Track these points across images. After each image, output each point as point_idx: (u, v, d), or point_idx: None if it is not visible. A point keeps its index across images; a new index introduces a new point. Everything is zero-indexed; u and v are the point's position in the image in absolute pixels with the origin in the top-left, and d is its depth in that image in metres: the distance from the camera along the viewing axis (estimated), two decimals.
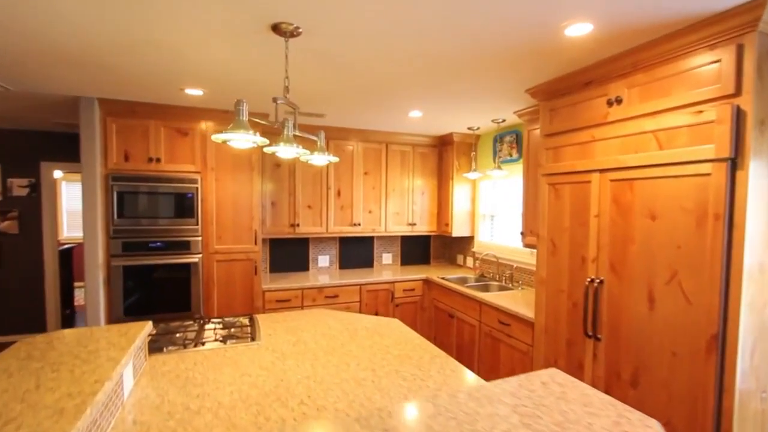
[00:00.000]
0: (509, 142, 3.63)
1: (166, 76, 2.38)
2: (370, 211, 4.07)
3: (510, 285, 3.50)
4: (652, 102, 1.79)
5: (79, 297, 6.04)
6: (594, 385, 2.08)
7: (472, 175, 3.76)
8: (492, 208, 4.01)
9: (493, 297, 3.05)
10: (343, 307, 3.68)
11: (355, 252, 4.33)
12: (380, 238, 4.45)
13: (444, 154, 4.26)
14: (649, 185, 1.81)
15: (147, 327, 1.78)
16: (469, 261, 4.30)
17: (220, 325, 2.30)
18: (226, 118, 3.25)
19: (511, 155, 3.62)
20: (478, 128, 3.79)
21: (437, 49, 1.91)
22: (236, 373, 1.68)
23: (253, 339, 2.07)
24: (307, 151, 1.78)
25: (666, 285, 1.74)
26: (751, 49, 1.47)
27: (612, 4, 1.47)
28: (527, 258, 3.44)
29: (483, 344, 3.07)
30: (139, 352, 1.71)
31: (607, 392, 2.01)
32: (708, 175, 1.58)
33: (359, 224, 4.01)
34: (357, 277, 3.86)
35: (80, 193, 2.94)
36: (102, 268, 2.96)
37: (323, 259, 4.21)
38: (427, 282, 3.97)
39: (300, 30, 1.67)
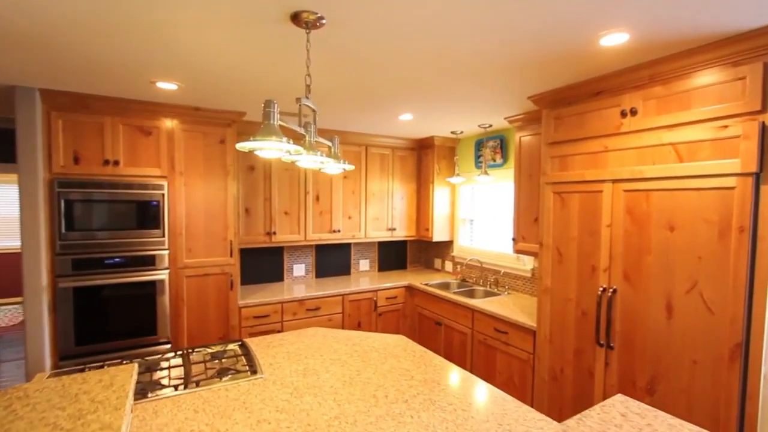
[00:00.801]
0: (492, 147, 3.63)
1: (137, 66, 2.03)
2: (349, 217, 3.88)
3: (495, 290, 3.50)
4: (671, 115, 1.82)
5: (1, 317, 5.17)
6: (606, 392, 2.10)
7: (455, 180, 3.72)
8: (472, 213, 4.00)
9: (486, 304, 3.02)
10: (326, 320, 3.46)
11: (332, 259, 4.11)
12: (357, 244, 4.27)
13: (424, 157, 4.17)
14: (668, 196, 1.83)
15: (134, 372, 1.48)
16: (448, 265, 4.26)
17: (209, 356, 2.01)
18: (199, 116, 2.89)
19: (494, 160, 3.62)
20: (462, 132, 3.74)
21: (459, 52, 1.79)
22: (251, 421, 1.44)
23: (254, 372, 1.82)
24: (330, 160, 1.58)
25: (686, 294, 1.78)
26: None
27: (651, 15, 1.45)
28: (512, 263, 3.46)
29: (476, 352, 3.02)
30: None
31: None
32: (732, 188, 1.62)
33: (339, 231, 3.80)
34: (335, 285, 3.66)
35: (15, 197, 2.44)
36: (46, 291, 2.48)
37: (299, 268, 3.94)
38: (409, 289, 3.86)
39: (324, 21, 1.46)
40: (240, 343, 2.19)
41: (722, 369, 1.66)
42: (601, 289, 2.11)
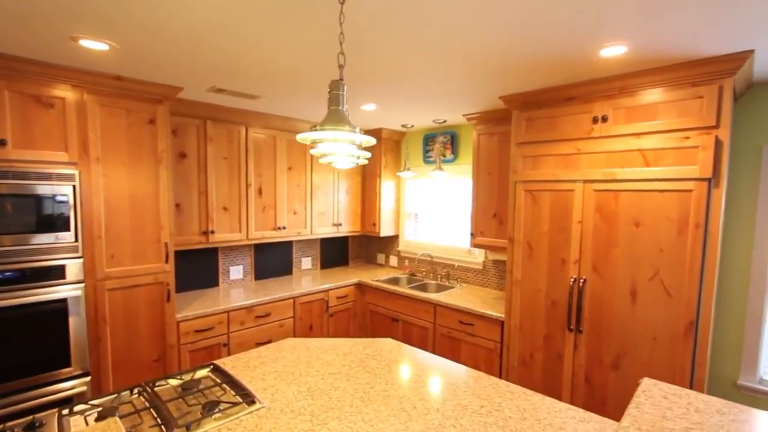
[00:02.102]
0: (443, 142, 3.70)
1: (56, 13, 1.51)
2: (294, 212, 3.58)
3: (447, 283, 3.61)
4: (638, 124, 2.06)
5: None
6: (575, 370, 2.33)
7: (406, 174, 3.70)
8: (418, 207, 4.04)
9: (448, 298, 3.09)
10: (276, 326, 3.15)
11: (272, 259, 3.76)
12: (300, 241, 3.97)
13: (369, 149, 4.06)
14: (635, 196, 2.08)
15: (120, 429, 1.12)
16: (393, 260, 4.26)
17: (179, 389, 1.64)
18: (121, 87, 2.32)
19: (444, 155, 3.70)
20: (412, 126, 3.73)
21: (451, 50, 1.76)
22: None
23: (251, 401, 1.55)
24: (368, 153, 1.39)
25: (649, 282, 2.05)
26: (728, 91, 1.82)
27: (648, 33, 1.60)
28: (464, 256, 3.60)
29: (439, 345, 3.08)
30: None
31: (588, 377, 2.28)
32: (691, 191, 1.91)
33: (284, 227, 3.48)
34: (279, 287, 3.36)
35: None
36: None
37: (236, 271, 3.50)
38: (359, 286, 3.75)
39: None
40: (211, 366, 1.84)
41: (678, 343, 1.97)
42: (572, 279, 2.31)
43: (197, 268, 3.27)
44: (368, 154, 1.35)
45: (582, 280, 2.28)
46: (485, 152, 3.07)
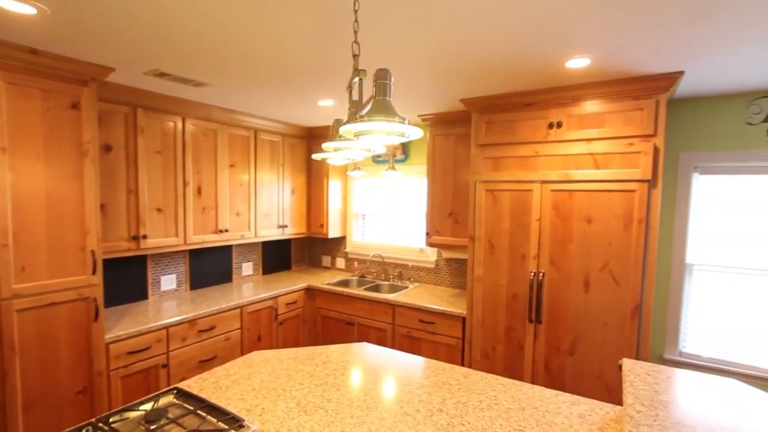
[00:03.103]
0: None
1: None
2: (237, 214, 3.28)
3: (400, 283, 3.62)
4: (589, 130, 2.28)
5: None
6: (535, 358, 2.49)
7: (356, 174, 3.63)
8: (366, 207, 3.99)
9: (406, 297, 3.09)
10: (222, 340, 2.85)
11: (210, 265, 3.40)
12: (240, 245, 3.65)
13: (315, 147, 3.90)
14: (587, 196, 2.30)
15: None
16: (339, 262, 4.14)
17: (144, 421, 1.38)
18: (37, 64, 1.89)
19: (395, 155, 3.71)
20: None
21: (424, 52, 1.77)
22: None
23: (240, 426, 1.36)
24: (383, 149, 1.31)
25: (600, 272, 2.28)
26: (663, 105, 2.11)
27: (608, 49, 1.79)
28: (416, 255, 3.64)
29: (399, 346, 3.07)
30: None
31: (547, 363, 2.45)
32: (634, 191, 2.17)
33: (226, 230, 3.17)
34: (220, 296, 3.05)
35: None
36: None
37: (168, 280, 3.09)
38: (309, 291, 3.58)
39: None
40: (175, 391, 1.58)
41: (625, 325, 2.22)
42: (531, 273, 2.47)
43: (123, 279, 2.81)
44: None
45: (541, 274, 2.45)
46: (441, 153, 3.15)
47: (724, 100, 2.43)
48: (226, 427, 1.35)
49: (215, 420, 1.39)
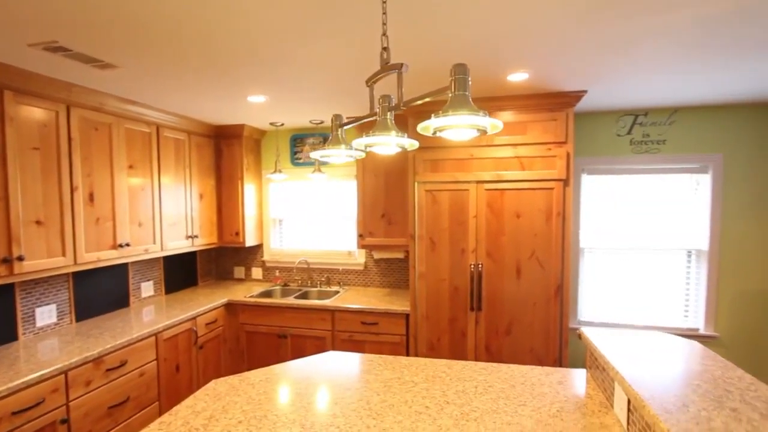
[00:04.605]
0: (314, 144, 3.58)
1: None
2: (139, 224, 2.74)
3: (330, 288, 3.51)
4: (515, 136, 2.60)
5: None
6: (476, 343, 2.72)
7: (277, 176, 3.39)
8: (282, 212, 3.76)
9: (344, 301, 3.03)
10: (136, 376, 2.35)
11: (100, 289, 2.76)
12: (137, 262, 3.05)
13: (225, 148, 3.50)
14: (515, 194, 2.62)
15: None
16: (256, 272, 3.80)
17: None
18: None
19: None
20: (282, 125, 3.46)
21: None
22: None
23: None
24: (416, 142, 1.28)
25: (528, 260, 2.62)
26: (571, 117, 2.55)
27: (542, 67, 2.10)
28: (344, 259, 3.58)
29: (341, 351, 2.98)
30: None
31: (487, 345, 2.70)
32: (552, 189, 2.57)
33: (127, 244, 2.62)
34: (114, 326, 2.52)
35: None
36: None
37: (45, 313, 2.40)
38: (230, 306, 3.20)
39: None
40: None
41: (550, 304, 2.60)
42: (471, 266, 2.69)
43: None
44: (416, 143, 1.27)
45: (480, 265, 2.69)
46: (371, 155, 3.18)
47: (602, 116, 3.06)
48: None
49: None
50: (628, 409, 1.32)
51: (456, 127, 0.97)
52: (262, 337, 3.15)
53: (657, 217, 3.08)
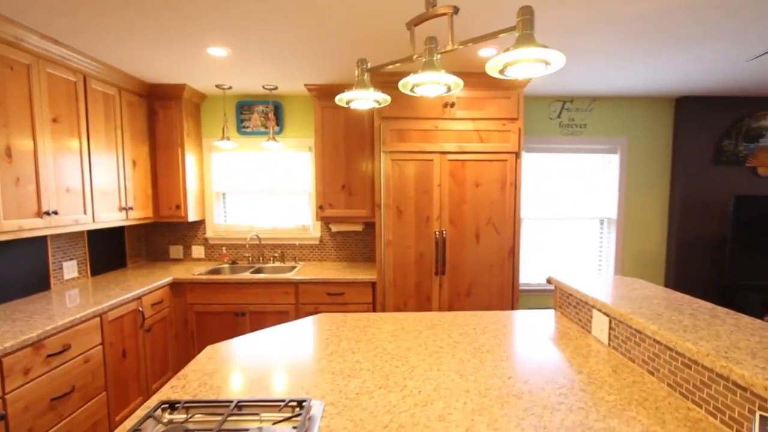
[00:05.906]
0: (262, 112, 3.38)
1: None
2: (68, 190, 2.33)
3: (284, 264, 3.38)
4: (475, 111, 2.81)
5: None
6: (440, 305, 2.90)
7: (226, 144, 3.14)
8: (227, 185, 3.49)
9: (304, 274, 2.96)
10: (81, 362, 2.02)
11: (14, 269, 2.28)
12: (57, 237, 2.57)
13: (161, 110, 3.11)
14: (475, 165, 2.84)
15: None
16: (197, 251, 3.47)
17: None
18: None
19: (265, 127, 3.39)
20: (230, 88, 3.19)
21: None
22: None
23: (300, 405, 1.14)
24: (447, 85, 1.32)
25: (486, 226, 2.87)
26: (521, 97, 2.84)
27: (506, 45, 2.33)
28: (299, 233, 3.47)
29: None
30: None
31: (450, 306, 2.90)
32: (506, 161, 2.84)
33: (55, 212, 2.21)
34: (34, 312, 2.15)
35: None
36: None
37: None
38: (175, 286, 2.89)
39: None
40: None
41: (505, 265, 2.89)
42: (435, 232, 2.85)
43: None
44: (460, 82, 1.32)
45: (444, 232, 2.86)
46: (330, 125, 3.13)
47: (539, 100, 3.45)
48: (285, 414, 1.10)
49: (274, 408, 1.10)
50: (610, 327, 1.58)
51: (526, 61, 1.06)
52: (214, 317, 2.92)
53: (577, 191, 3.60)
